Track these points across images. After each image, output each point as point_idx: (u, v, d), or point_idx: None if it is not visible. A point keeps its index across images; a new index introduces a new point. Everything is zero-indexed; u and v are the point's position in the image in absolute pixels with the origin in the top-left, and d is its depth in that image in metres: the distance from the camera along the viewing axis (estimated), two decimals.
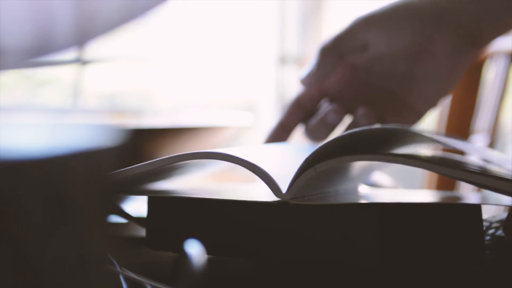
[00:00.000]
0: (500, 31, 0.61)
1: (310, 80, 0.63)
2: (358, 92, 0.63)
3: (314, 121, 0.64)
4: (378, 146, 0.46)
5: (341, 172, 0.48)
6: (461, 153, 0.65)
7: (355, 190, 0.52)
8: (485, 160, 0.56)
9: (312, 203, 0.42)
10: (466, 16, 0.60)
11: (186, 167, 0.49)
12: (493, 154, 0.59)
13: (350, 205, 0.42)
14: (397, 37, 0.61)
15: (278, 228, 0.42)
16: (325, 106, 0.64)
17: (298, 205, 0.41)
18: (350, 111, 0.64)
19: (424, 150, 0.56)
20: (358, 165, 0.51)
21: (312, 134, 0.64)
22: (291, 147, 0.59)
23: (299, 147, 0.58)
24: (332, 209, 0.41)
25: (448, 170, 0.41)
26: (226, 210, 0.44)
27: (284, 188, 0.42)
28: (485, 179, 0.40)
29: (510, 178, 0.40)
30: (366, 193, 0.51)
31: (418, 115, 0.63)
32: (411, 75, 0.61)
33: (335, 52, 0.63)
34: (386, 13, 0.61)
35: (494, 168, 0.49)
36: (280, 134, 0.64)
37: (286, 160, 0.45)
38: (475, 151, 0.63)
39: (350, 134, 0.43)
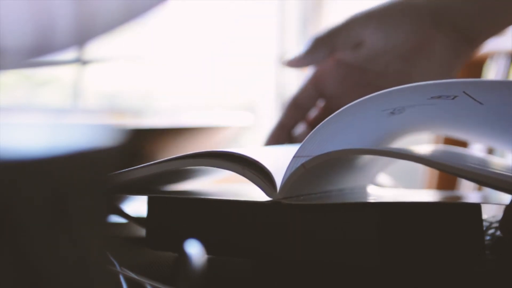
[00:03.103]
0: (495, 31, 0.61)
1: (294, 64, 0.64)
2: (353, 90, 0.64)
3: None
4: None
5: (339, 170, 0.48)
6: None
7: (355, 190, 0.52)
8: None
9: (303, 202, 0.41)
10: (463, 16, 0.60)
11: (184, 174, 0.49)
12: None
13: (348, 205, 0.42)
14: (394, 34, 0.61)
15: (275, 228, 0.42)
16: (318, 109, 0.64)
17: (291, 205, 0.41)
18: None
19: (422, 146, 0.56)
20: (359, 164, 0.51)
21: None
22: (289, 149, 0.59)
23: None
24: (330, 209, 0.41)
25: (445, 165, 0.41)
26: (224, 210, 0.44)
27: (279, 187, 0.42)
28: (485, 176, 0.40)
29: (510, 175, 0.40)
30: (365, 193, 0.51)
31: None
32: (406, 73, 0.61)
33: (328, 45, 0.63)
34: (384, 10, 0.61)
35: (495, 165, 0.49)
36: (280, 134, 0.64)
37: (283, 158, 0.45)
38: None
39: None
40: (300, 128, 0.65)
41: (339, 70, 0.64)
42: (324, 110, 0.65)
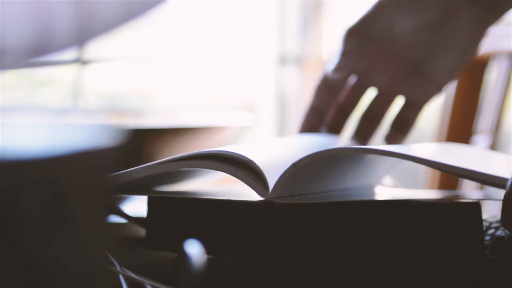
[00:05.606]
0: None
1: (339, 72, 0.63)
2: (382, 64, 0.63)
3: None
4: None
5: (335, 170, 0.48)
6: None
7: (352, 190, 0.52)
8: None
9: (294, 201, 0.42)
10: None
11: (181, 174, 0.49)
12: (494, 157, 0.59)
13: (341, 203, 0.42)
14: (423, 10, 0.61)
15: (269, 228, 0.42)
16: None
17: (283, 204, 0.41)
18: (375, 83, 0.64)
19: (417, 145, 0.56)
20: (355, 164, 0.51)
21: (359, 134, 0.64)
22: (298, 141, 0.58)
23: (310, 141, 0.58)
24: (322, 208, 0.41)
25: (441, 164, 0.41)
26: (223, 210, 0.44)
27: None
28: (485, 174, 0.40)
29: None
30: (365, 192, 0.51)
31: (438, 87, 0.63)
32: (433, 45, 0.62)
33: (361, 37, 0.62)
34: None
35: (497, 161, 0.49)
36: (313, 118, 0.63)
37: (283, 154, 0.45)
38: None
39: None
40: (331, 113, 0.64)
41: (368, 46, 0.63)
42: (355, 87, 0.64)
